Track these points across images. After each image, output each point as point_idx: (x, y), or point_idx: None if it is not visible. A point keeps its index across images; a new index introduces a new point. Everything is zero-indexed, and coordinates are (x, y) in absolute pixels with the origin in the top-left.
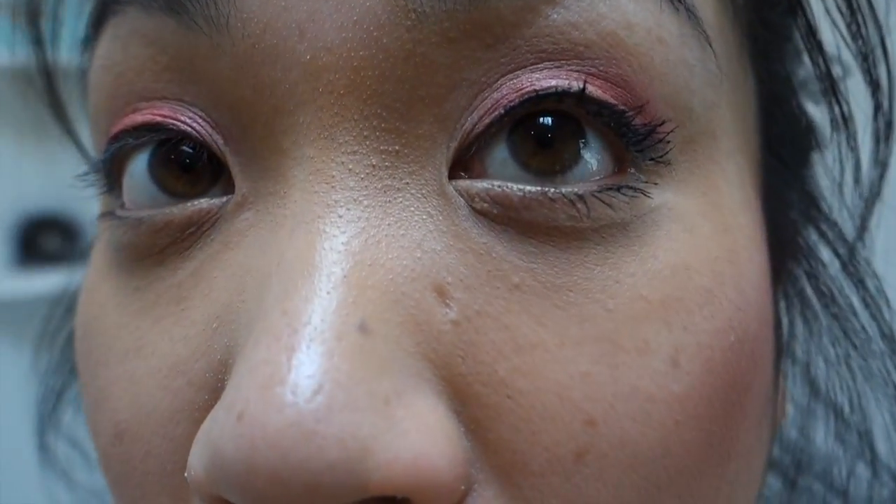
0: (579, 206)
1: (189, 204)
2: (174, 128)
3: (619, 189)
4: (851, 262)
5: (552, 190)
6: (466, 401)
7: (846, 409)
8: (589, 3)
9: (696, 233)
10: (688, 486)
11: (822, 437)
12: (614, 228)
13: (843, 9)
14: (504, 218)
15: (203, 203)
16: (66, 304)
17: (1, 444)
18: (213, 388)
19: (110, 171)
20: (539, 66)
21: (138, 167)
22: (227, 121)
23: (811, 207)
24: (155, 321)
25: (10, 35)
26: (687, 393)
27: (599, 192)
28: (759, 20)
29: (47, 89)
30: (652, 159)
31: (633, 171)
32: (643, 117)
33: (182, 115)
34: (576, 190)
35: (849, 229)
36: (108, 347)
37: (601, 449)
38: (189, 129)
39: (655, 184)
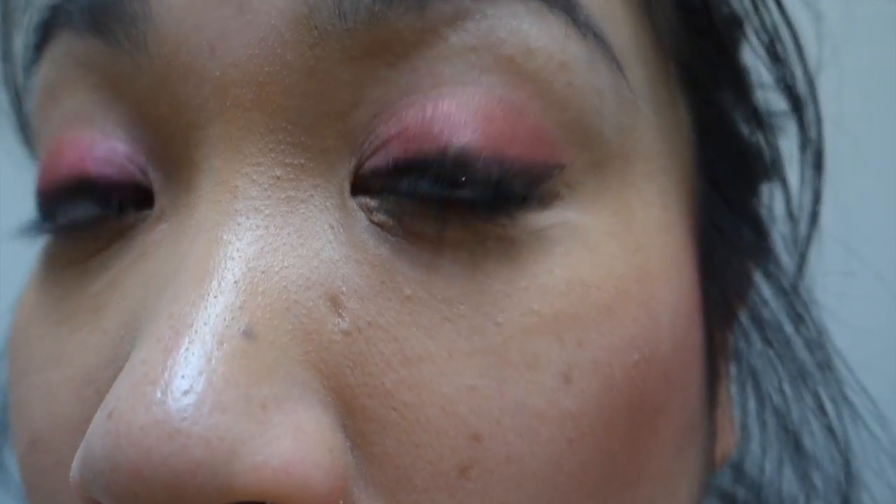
0: (472, 223)
1: (118, 219)
2: (96, 174)
3: (513, 201)
4: (791, 296)
5: (446, 199)
6: (353, 413)
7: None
8: (488, 27)
9: (600, 251)
10: None
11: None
12: (506, 243)
13: (769, 45)
14: (400, 230)
15: (130, 217)
16: None
17: None
18: None
19: (44, 215)
20: (438, 88)
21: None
22: (149, 138)
23: (756, 238)
24: (72, 330)
25: None
26: (580, 410)
27: (496, 203)
28: (690, 49)
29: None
30: (536, 200)
31: (521, 201)
32: (529, 174)
33: (102, 149)
34: (468, 212)
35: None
36: (30, 357)
37: (486, 465)
38: (108, 168)
39: (549, 207)
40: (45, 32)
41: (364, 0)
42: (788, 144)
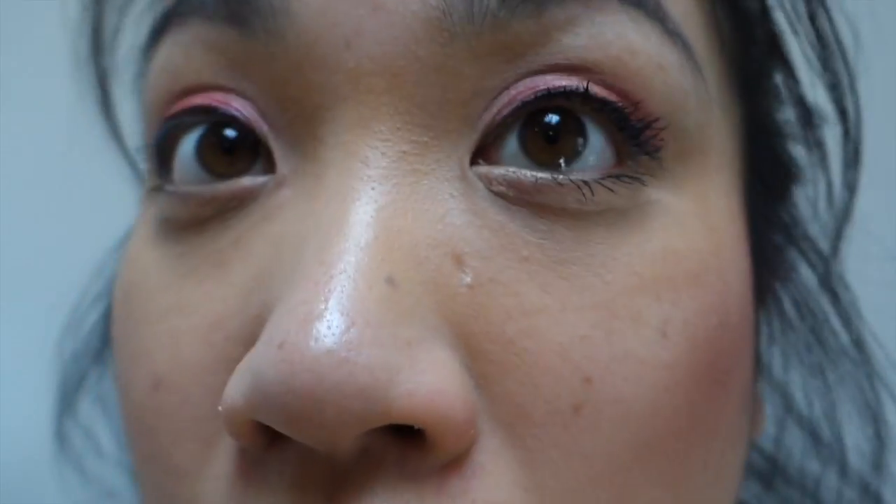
0: (584, 190)
1: (233, 182)
2: (225, 112)
3: (619, 178)
4: (826, 276)
5: (561, 176)
6: (476, 356)
7: (819, 419)
8: (598, 31)
9: (686, 227)
10: (676, 450)
11: (797, 448)
12: (615, 213)
13: (816, 45)
14: (517, 200)
15: (246, 181)
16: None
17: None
18: (248, 340)
19: (163, 149)
20: (551, 72)
21: (187, 148)
22: (275, 112)
23: (792, 230)
24: (197, 283)
25: None
26: (674, 361)
27: (602, 179)
28: (745, 57)
29: (101, 90)
30: (647, 153)
31: (630, 164)
32: (639, 114)
33: (233, 101)
34: (581, 177)
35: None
36: (150, 306)
37: (596, 405)
38: (238, 114)
39: (651, 176)
40: (169, 18)
41: (491, 7)
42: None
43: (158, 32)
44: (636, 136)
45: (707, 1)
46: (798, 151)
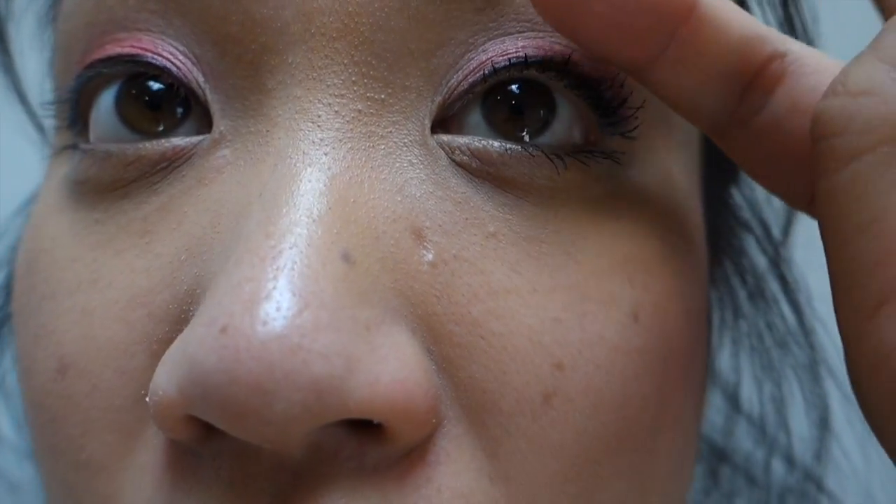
0: (556, 163)
1: (163, 140)
2: (154, 62)
3: (591, 153)
4: (777, 259)
5: (532, 149)
6: (439, 339)
7: (766, 403)
8: None
9: (653, 206)
10: (644, 441)
11: (742, 431)
12: (584, 191)
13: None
14: (482, 172)
15: (178, 140)
16: None
17: None
18: (176, 319)
19: (77, 103)
20: (523, 34)
21: (105, 101)
22: (211, 57)
23: (744, 211)
24: (115, 253)
25: None
26: (645, 347)
27: (576, 153)
28: None
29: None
30: (620, 134)
31: (602, 141)
32: (614, 91)
33: (163, 49)
34: (554, 150)
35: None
36: (58, 280)
37: (568, 393)
38: (169, 64)
39: (623, 153)
40: None
41: None
42: None
43: None
44: (610, 113)
45: None
46: None
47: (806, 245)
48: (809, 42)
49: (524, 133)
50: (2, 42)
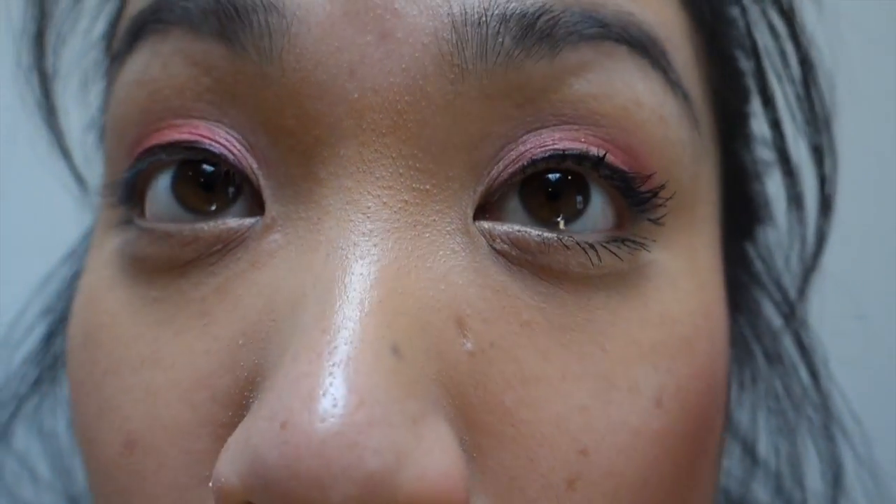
0: (591, 253)
1: (219, 222)
2: (210, 148)
3: (623, 241)
4: (792, 321)
5: (567, 237)
6: (473, 428)
7: (782, 460)
8: (606, 79)
9: (679, 288)
10: None
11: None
12: (615, 277)
13: (803, 103)
14: (521, 260)
15: (232, 222)
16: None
17: None
18: (239, 404)
19: (134, 184)
20: (559, 126)
21: (163, 182)
22: (265, 145)
23: (759, 268)
24: (175, 333)
25: None
26: (666, 430)
27: (607, 242)
28: (729, 106)
29: (47, 102)
30: (650, 220)
31: (631, 226)
32: (649, 184)
33: (219, 136)
34: (587, 239)
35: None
36: (120, 356)
37: (591, 477)
38: (226, 151)
39: (653, 241)
40: (146, 25)
41: (506, 45)
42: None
43: (132, 39)
44: (641, 203)
45: (704, 52)
46: (764, 190)
47: (821, 306)
48: (827, 115)
49: (559, 218)
50: (47, 100)
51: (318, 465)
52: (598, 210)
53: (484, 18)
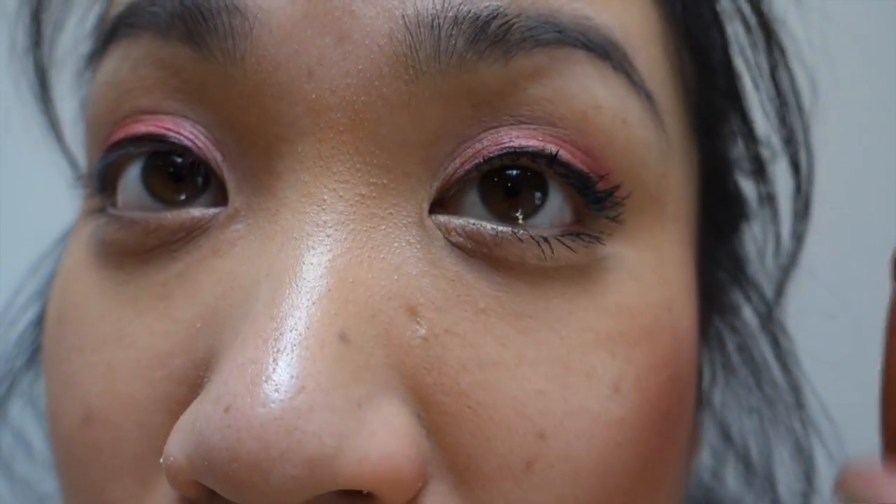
0: (544, 246)
1: (182, 211)
2: (176, 141)
3: (578, 235)
4: (769, 321)
5: (521, 231)
6: (429, 407)
7: (753, 454)
8: (562, 84)
9: (641, 281)
10: None
11: (731, 480)
12: (572, 269)
13: (774, 98)
14: (476, 252)
15: (195, 212)
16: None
17: None
18: (193, 383)
19: (105, 176)
20: (517, 126)
21: (133, 172)
22: (229, 141)
23: (737, 270)
24: (137, 314)
25: None
26: (625, 418)
27: (561, 236)
28: (705, 102)
29: (42, 90)
30: (607, 217)
31: (590, 224)
32: (604, 183)
33: (184, 129)
34: (542, 233)
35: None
36: (86, 334)
37: (549, 460)
38: (190, 143)
39: (609, 235)
40: (117, 29)
41: (458, 47)
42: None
43: (105, 42)
44: (598, 202)
45: (673, 48)
46: (746, 190)
47: (797, 305)
48: (801, 115)
49: (518, 213)
50: (44, 85)
51: (258, 449)
52: (557, 207)
53: (437, 21)
